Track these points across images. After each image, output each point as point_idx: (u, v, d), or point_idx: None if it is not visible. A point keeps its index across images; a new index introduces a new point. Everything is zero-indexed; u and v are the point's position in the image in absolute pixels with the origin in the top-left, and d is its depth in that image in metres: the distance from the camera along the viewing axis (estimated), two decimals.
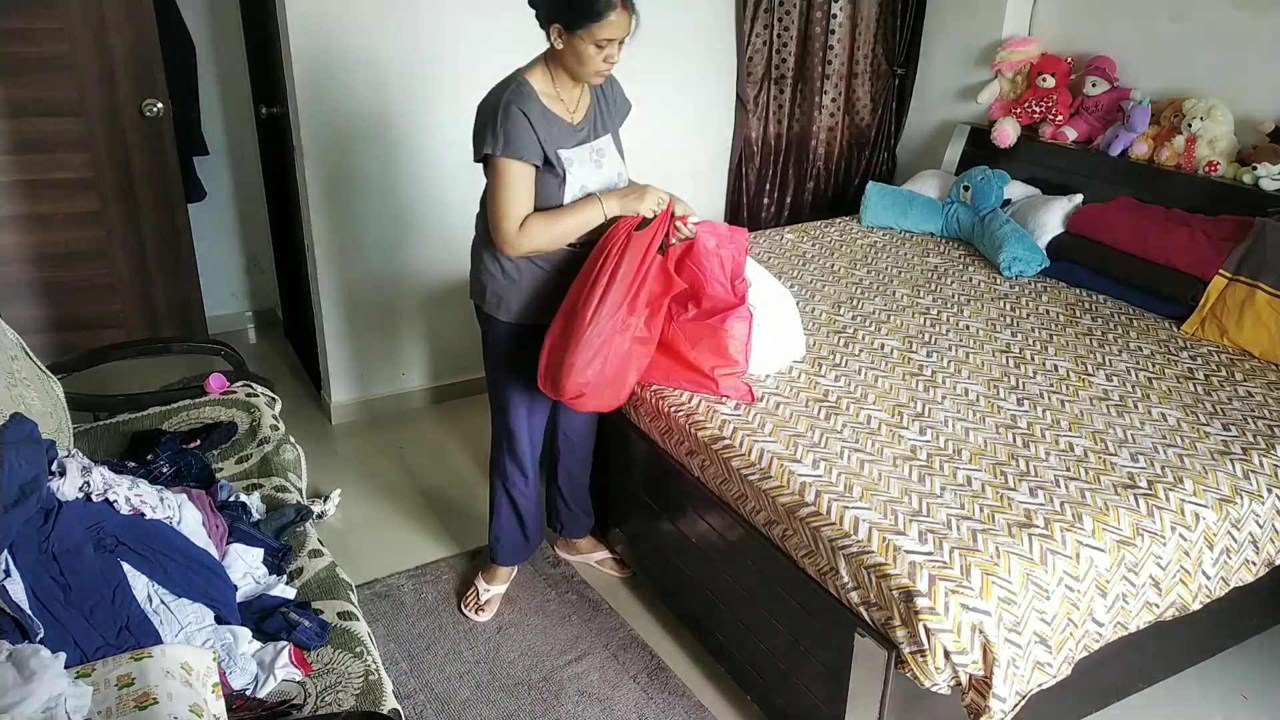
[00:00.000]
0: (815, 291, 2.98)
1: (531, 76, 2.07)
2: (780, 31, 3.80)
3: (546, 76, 2.08)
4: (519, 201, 2.04)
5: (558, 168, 2.05)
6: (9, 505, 1.47)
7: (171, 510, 1.79)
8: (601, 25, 1.94)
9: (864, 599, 1.76)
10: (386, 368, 3.49)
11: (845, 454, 2.05)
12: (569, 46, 2.00)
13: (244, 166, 3.98)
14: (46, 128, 3.17)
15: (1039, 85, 3.51)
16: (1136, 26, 3.35)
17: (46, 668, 1.28)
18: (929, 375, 2.42)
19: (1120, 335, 2.71)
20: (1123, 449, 2.09)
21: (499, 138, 1.99)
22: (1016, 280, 3.13)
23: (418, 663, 2.33)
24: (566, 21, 1.96)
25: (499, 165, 2.01)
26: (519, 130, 1.99)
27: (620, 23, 1.97)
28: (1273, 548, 2.04)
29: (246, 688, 1.63)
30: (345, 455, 3.27)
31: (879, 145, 4.22)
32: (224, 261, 4.11)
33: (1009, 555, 1.74)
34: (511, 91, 2.03)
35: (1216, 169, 3.01)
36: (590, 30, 1.95)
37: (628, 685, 2.27)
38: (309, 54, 2.94)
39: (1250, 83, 3.03)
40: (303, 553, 2.02)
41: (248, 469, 2.33)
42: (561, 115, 2.08)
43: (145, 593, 1.64)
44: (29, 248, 3.31)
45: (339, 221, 3.19)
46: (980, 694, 1.68)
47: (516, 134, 1.98)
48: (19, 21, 3.01)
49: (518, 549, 2.48)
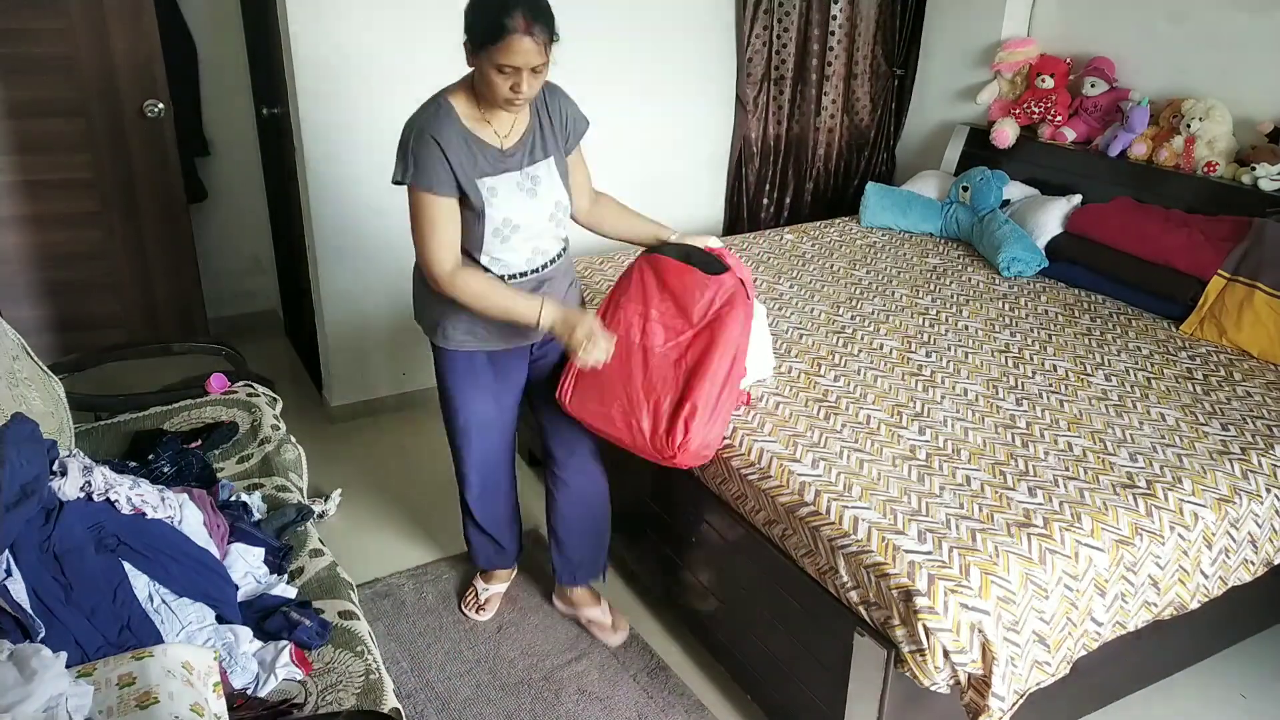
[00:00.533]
0: (814, 292, 2.99)
1: (455, 97, 1.90)
2: (780, 32, 3.80)
3: (471, 97, 1.90)
4: (439, 236, 1.88)
5: (474, 200, 1.89)
6: (10, 505, 1.47)
7: (173, 510, 1.79)
8: (502, 49, 1.74)
9: (863, 598, 1.76)
10: (387, 368, 3.49)
11: (845, 453, 2.05)
12: (476, 68, 1.83)
13: (244, 166, 3.98)
14: (48, 128, 3.18)
15: (1038, 86, 3.52)
16: (1135, 27, 3.36)
17: (48, 667, 1.28)
18: (928, 375, 2.42)
19: (1119, 335, 2.71)
20: (1121, 449, 2.10)
21: (408, 165, 1.85)
22: (1015, 280, 3.13)
23: (418, 662, 2.33)
24: (471, 39, 1.79)
25: (411, 194, 1.88)
26: (429, 159, 1.84)
27: (525, 49, 1.74)
28: (1271, 547, 2.05)
29: (247, 687, 1.63)
30: (346, 455, 3.28)
31: (878, 146, 4.22)
32: (225, 262, 4.11)
33: (1008, 555, 1.74)
34: (428, 115, 1.87)
35: (1215, 169, 3.01)
36: (489, 53, 1.75)
37: (628, 685, 2.28)
38: (309, 54, 2.95)
39: (1249, 83, 3.03)
40: (303, 552, 2.02)
41: (249, 469, 2.33)
42: (488, 140, 1.91)
43: (146, 592, 1.64)
44: (31, 248, 3.31)
45: (339, 221, 3.20)
46: (979, 693, 1.68)
47: (427, 163, 1.84)
48: (20, 22, 3.02)
49: (491, 556, 2.44)
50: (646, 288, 2.11)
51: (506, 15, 1.72)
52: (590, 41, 3.39)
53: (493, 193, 1.91)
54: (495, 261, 1.98)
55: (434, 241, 1.88)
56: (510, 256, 1.99)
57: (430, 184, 1.85)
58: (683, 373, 2.01)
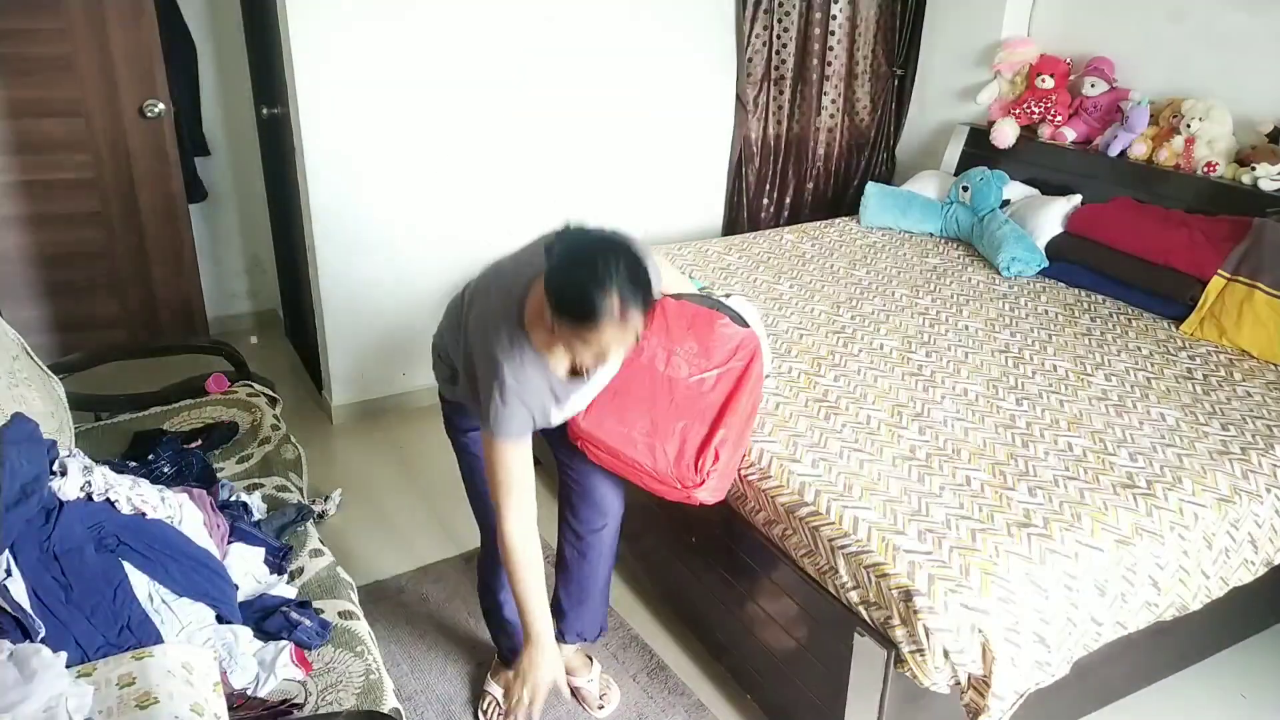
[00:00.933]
0: (815, 292, 2.99)
1: (535, 334, 1.62)
2: (780, 32, 3.80)
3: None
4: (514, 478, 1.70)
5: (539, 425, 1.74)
6: (10, 505, 1.47)
7: (172, 510, 1.79)
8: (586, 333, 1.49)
9: (863, 598, 1.76)
10: (387, 368, 3.49)
11: (844, 454, 2.05)
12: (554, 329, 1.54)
13: (244, 166, 3.99)
14: (48, 128, 3.18)
15: (1038, 86, 3.52)
16: (1135, 27, 3.36)
17: (48, 667, 1.28)
18: (928, 375, 2.42)
19: (1119, 335, 2.71)
20: (1121, 449, 2.10)
21: (495, 422, 1.64)
22: (1015, 280, 3.13)
23: (418, 663, 2.33)
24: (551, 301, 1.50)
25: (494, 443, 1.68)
26: (520, 420, 1.66)
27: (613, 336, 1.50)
28: (1271, 547, 2.05)
29: (247, 687, 1.63)
30: (346, 455, 3.28)
31: (878, 146, 4.22)
32: (225, 262, 4.12)
33: (1008, 554, 1.74)
34: (513, 367, 1.62)
35: (1215, 169, 3.01)
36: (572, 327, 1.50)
37: (628, 685, 2.28)
38: (309, 54, 2.95)
39: (1249, 83, 3.03)
40: (303, 552, 2.02)
41: (249, 469, 2.33)
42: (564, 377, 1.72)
43: (146, 592, 1.64)
44: (31, 248, 3.31)
45: (339, 221, 3.20)
46: (979, 693, 1.68)
47: (516, 422, 1.65)
48: (20, 22, 3.02)
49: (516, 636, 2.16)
50: (670, 325, 2.05)
51: (600, 293, 1.45)
52: (590, 41, 3.39)
53: (562, 408, 1.78)
54: None
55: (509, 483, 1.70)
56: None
57: (520, 433, 1.67)
58: (709, 407, 1.96)
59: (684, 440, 1.93)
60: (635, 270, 1.49)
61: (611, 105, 3.54)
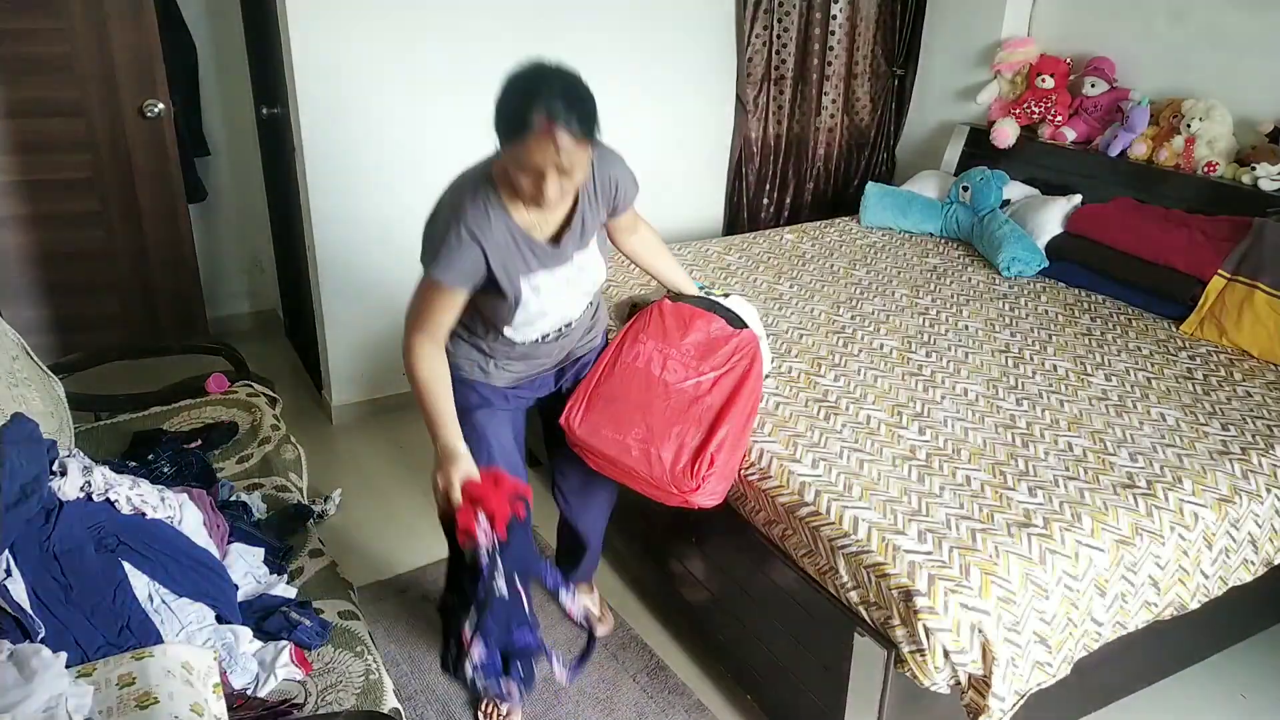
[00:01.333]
0: (814, 292, 2.99)
1: (502, 184, 1.67)
2: (780, 32, 3.80)
3: None
4: (434, 319, 1.73)
5: (509, 292, 1.73)
6: (10, 505, 1.47)
7: (172, 510, 1.79)
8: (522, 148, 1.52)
9: (863, 598, 1.76)
10: (387, 367, 3.49)
11: (844, 454, 2.05)
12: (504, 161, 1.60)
13: (244, 166, 3.99)
14: (48, 128, 3.18)
15: (1038, 86, 3.52)
16: (1135, 27, 3.36)
17: (47, 667, 1.28)
18: (928, 375, 2.42)
19: (1119, 335, 2.71)
20: (1121, 449, 2.10)
21: (438, 256, 1.66)
22: (1015, 280, 3.13)
23: (418, 664, 2.33)
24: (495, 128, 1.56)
25: (425, 278, 1.70)
26: (465, 259, 1.65)
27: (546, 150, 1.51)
28: (1271, 547, 2.05)
29: (247, 687, 1.63)
30: (346, 455, 3.28)
31: (878, 146, 4.22)
32: (225, 262, 4.12)
33: (1008, 555, 1.74)
34: (475, 210, 1.65)
35: (1215, 169, 3.01)
36: (511, 149, 1.55)
37: (628, 685, 2.28)
38: (309, 54, 2.95)
39: (1249, 83, 3.03)
40: (303, 552, 2.02)
41: (248, 469, 2.33)
42: (537, 235, 1.74)
43: (146, 592, 1.64)
44: (30, 248, 3.31)
45: (339, 222, 3.20)
46: (979, 693, 1.68)
47: (459, 263, 1.66)
48: (20, 22, 3.02)
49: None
50: (668, 328, 2.08)
51: (530, 109, 1.49)
52: (590, 41, 3.39)
53: (536, 290, 1.76)
54: (518, 332, 1.84)
55: (423, 321, 1.74)
56: (535, 331, 1.87)
57: (453, 282, 1.68)
58: (706, 411, 1.98)
59: (680, 445, 1.94)
60: (572, 92, 1.53)
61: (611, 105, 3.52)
